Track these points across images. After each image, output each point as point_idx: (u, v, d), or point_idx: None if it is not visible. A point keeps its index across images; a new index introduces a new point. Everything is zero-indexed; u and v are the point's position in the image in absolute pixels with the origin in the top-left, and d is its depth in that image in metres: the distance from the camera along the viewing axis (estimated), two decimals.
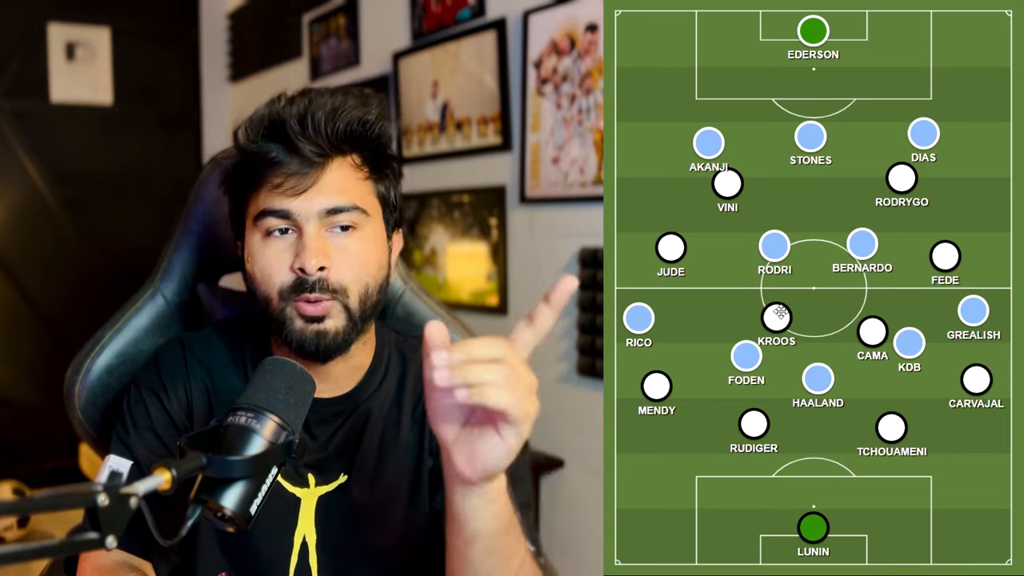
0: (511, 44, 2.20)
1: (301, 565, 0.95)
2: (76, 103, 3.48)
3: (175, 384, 0.99)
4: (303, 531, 0.96)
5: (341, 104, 0.91)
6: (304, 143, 0.89)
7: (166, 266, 1.20)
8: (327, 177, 0.90)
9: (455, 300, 2.41)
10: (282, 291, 0.90)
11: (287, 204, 0.89)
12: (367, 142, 0.93)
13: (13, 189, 3.40)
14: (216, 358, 1.01)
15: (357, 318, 0.92)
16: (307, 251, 0.88)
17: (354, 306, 0.92)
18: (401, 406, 1.01)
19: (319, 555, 0.95)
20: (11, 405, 3.42)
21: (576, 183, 1.98)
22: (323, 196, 0.89)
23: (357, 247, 0.91)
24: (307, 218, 0.89)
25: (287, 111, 0.90)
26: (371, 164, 0.94)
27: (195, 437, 0.71)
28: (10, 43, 3.37)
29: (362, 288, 0.92)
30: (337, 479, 0.97)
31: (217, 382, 0.99)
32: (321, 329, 0.90)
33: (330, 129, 0.90)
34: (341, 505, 0.97)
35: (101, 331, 1.16)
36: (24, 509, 0.53)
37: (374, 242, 0.94)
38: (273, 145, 0.90)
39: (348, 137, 0.91)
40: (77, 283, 3.50)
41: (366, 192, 0.93)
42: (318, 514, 0.96)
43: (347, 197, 0.91)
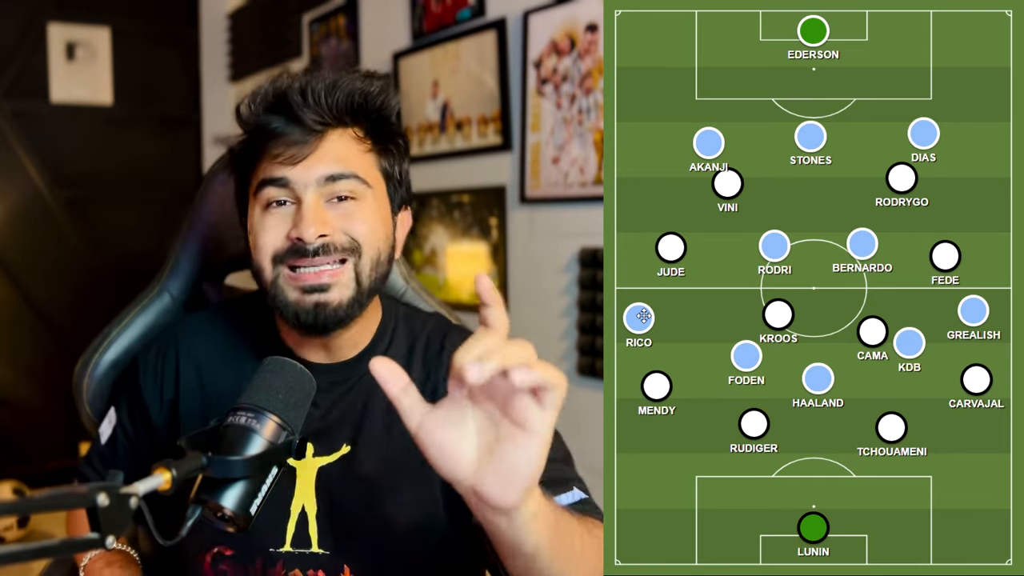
0: (511, 44, 2.20)
1: (299, 534, 0.94)
2: (76, 103, 3.48)
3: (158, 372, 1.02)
4: (301, 500, 0.95)
5: (342, 77, 0.91)
6: (304, 111, 0.88)
7: (173, 264, 1.22)
8: (327, 146, 0.89)
9: (455, 300, 2.41)
10: (275, 256, 0.88)
11: (285, 172, 0.88)
12: (368, 114, 0.93)
13: (13, 189, 3.39)
14: (212, 341, 1.02)
15: (365, 287, 0.90)
16: (305, 220, 0.86)
17: (365, 270, 0.89)
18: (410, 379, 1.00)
19: (319, 525, 0.95)
20: (11, 405, 3.42)
21: (576, 183, 1.98)
22: (322, 164, 0.88)
23: (360, 215, 0.90)
24: (305, 185, 0.88)
25: (289, 83, 0.90)
26: (374, 137, 0.94)
27: (195, 437, 0.71)
28: (10, 43, 3.37)
29: (375, 252, 0.90)
30: (339, 450, 0.96)
31: (211, 366, 1.01)
32: (321, 300, 0.88)
33: (331, 99, 0.89)
34: (344, 476, 0.95)
35: (109, 327, 1.20)
36: (24, 509, 0.53)
37: (376, 213, 0.92)
38: (274, 116, 0.90)
39: (349, 108, 0.91)
40: (77, 283, 3.50)
41: (368, 164, 0.92)
42: (319, 484, 0.95)
43: (347, 165, 0.89)
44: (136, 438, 1.04)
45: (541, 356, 0.59)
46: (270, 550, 0.94)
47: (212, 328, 1.04)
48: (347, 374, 0.98)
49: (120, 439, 1.04)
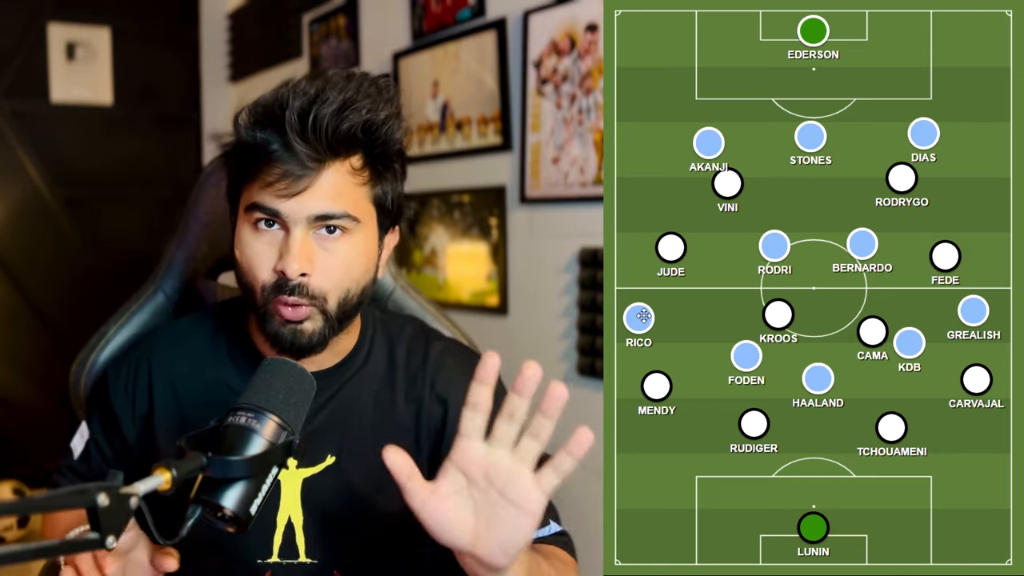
0: (511, 44, 2.20)
1: (287, 544, 0.95)
2: (76, 103, 3.48)
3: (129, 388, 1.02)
4: (287, 512, 0.95)
5: (349, 102, 0.86)
6: (301, 145, 0.85)
7: (168, 263, 1.23)
8: (321, 181, 0.86)
9: (455, 300, 2.41)
10: (264, 288, 0.89)
11: (277, 204, 0.86)
12: (372, 146, 0.90)
13: (13, 189, 3.39)
14: (187, 351, 1.02)
15: (334, 320, 0.91)
16: (290, 255, 0.86)
17: (332, 310, 0.90)
18: (394, 387, 1.00)
19: (306, 535, 0.95)
20: (11, 405, 3.42)
21: (576, 183, 1.98)
22: (315, 201, 0.86)
23: (342, 253, 0.89)
24: (295, 221, 0.86)
25: (291, 103, 0.85)
26: (372, 167, 0.91)
27: (195, 437, 0.71)
28: (10, 43, 3.37)
29: (342, 294, 0.91)
30: (324, 461, 0.96)
31: (186, 376, 1.01)
32: (298, 329, 0.90)
33: (331, 130, 0.85)
34: (330, 486, 0.96)
35: (105, 326, 1.20)
36: (24, 509, 0.53)
37: (361, 248, 0.91)
38: (272, 135, 0.86)
39: (351, 140, 0.87)
40: (77, 283, 3.50)
41: (360, 197, 0.90)
42: (304, 495, 0.95)
43: (339, 204, 0.87)
44: (110, 453, 1.03)
45: (541, 356, 0.60)
46: (258, 562, 0.94)
47: (186, 339, 1.03)
48: (329, 382, 0.98)
49: (94, 454, 1.04)
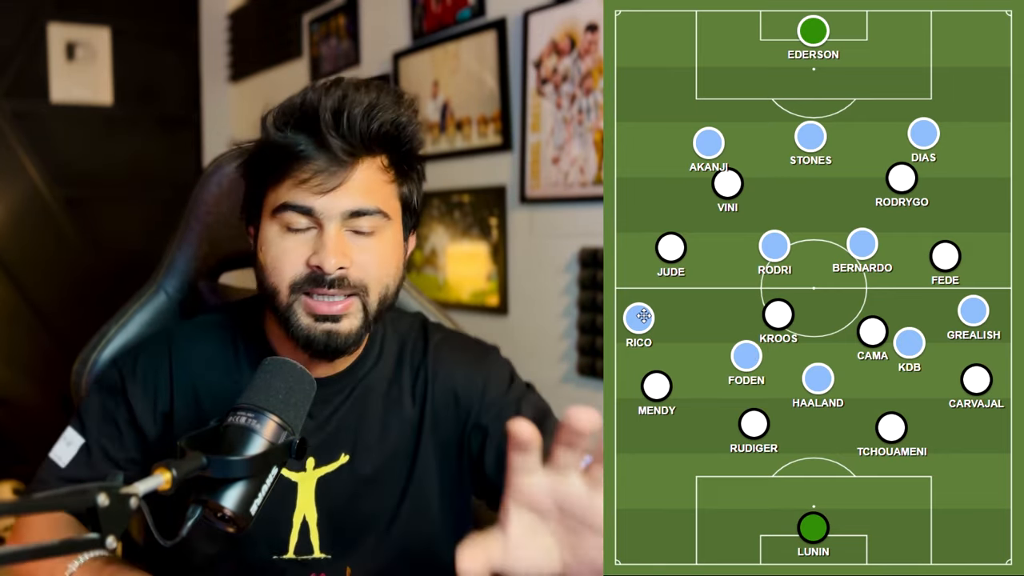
0: (511, 44, 2.20)
1: (302, 542, 0.95)
2: (76, 103, 3.48)
3: (150, 384, 0.99)
4: (303, 511, 0.95)
5: (377, 102, 0.88)
6: (336, 139, 0.86)
7: (169, 263, 1.23)
8: (355, 177, 0.88)
9: (455, 300, 2.41)
10: (293, 284, 0.88)
11: (311, 201, 0.87)
12: (399, 144, 0.91)
13: (13, 189, 3.39)
14: (205, 352, 1.01)
15: (372, 319, 0.91)
16: (327, 250, 0.86)
17: (372, 306, 0.90)
18: (401, 384, 1.01)
19: (320, 531, 0.95)
20: (11, 405, 3.42)
21: (576, 183, 1.98)
22: (349, 197, 0.87)
23: (376, 250, 0.90)
24: (330, 217, 0.87)
25: (322, 102, 0.87)
26: (398, 167, 0.92)
27: (195, 437, 0.71)
28: (10, 43, 3.37)
29: (382, 289, 0.91)
30: (338, 459, 0.97)
31: (206, 378, 0.99)
32: (333, 329, 0.88)
33: (364, 128, 0.87)
34: (343, 484, 0.96)
35: (106, 326, 1.20)
36: (24, 509, 0.53)
37: (392, 245, 0.92)
38: (302, 137, 0.87)
39: (381, 138, 0.89)
40: (77, 283, 3.50)
41: (390, 195, 0.91)
42: (319, 493, 0.96)
43: (372, 200, 0.89)
44: (120, 454, 0.99)
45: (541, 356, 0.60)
46: (273, 558, 0.95)
47: (205, 341, 1.02)
48: (343, 385, 0.98)
49: (97, 458, 0.98)
